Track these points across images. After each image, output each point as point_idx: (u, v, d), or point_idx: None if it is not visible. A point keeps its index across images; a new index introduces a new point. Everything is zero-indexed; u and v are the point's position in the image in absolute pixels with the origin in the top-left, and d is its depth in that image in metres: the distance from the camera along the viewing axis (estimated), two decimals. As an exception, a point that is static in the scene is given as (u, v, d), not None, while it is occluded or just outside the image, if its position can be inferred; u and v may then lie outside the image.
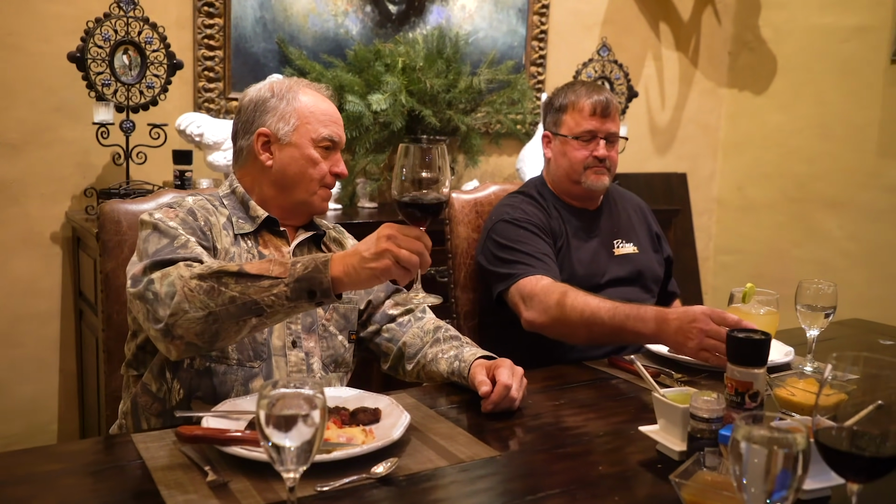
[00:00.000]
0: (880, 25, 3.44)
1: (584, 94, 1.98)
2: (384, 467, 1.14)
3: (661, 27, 3.87)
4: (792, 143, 3.84)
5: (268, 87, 1.57)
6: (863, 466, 0.87)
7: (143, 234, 1.40)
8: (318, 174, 1.53)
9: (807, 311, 1.68)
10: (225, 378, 1.41)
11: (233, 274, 1.25)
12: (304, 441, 0.91)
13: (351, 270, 1.22)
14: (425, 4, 3.13)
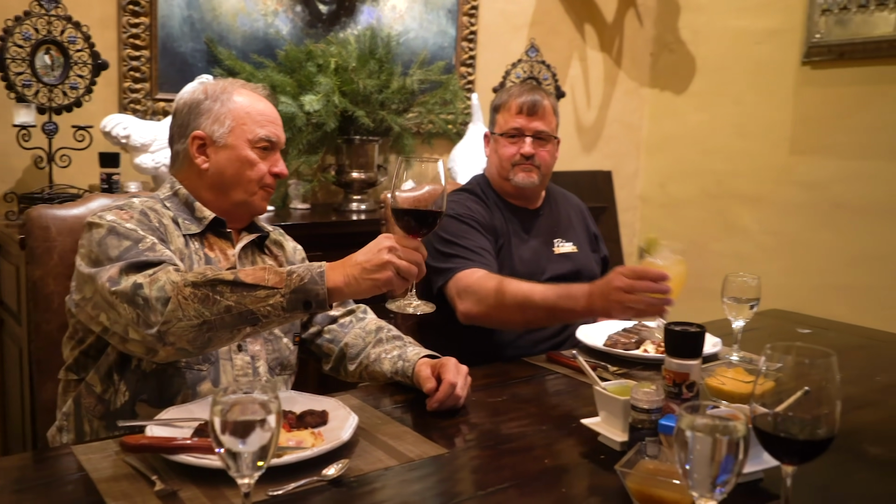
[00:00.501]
0: (792, 28, 3.59)
1: (515, 94, 2.03)
2: (335, 469, 1.14)
3: (586, 28, 3.96)
4: (711, 141, 3.97)
5: (202, 89, 1.55)
6: (797, 450, 0.92)
7: (95, 237, 1.35)
8: (257, 175, 1.51)
9: (733, 303, 1.75)
10: (172, 381, 1.39)
11: (228, 283, 1.24)
12: (261, 446, 0.90)
13: (352, 281, 1.25)
14: (356, 5, 3.12)
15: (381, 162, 2.97)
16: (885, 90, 3.30)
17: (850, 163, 3.43)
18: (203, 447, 1.12)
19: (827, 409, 0.92)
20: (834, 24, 3.41)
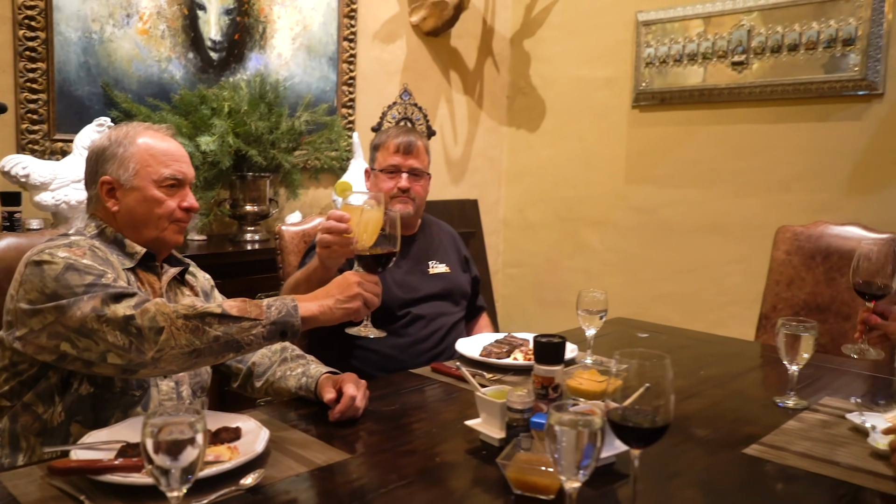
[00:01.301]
0: (623, 78, 3.87)
1: (393, 136, 2.11)
2: (252, 478, 1.17)
3: (451, 74, 4.10)
4: (560, 172, 4.20)
5: (107, 135, 1.54)
6: (642, 436, 1.04)
7: (49, 273, 1.30)
8: (165, 212, 1.51)
9: (585, 315, 1.88)
10: (107, 405, 1.37)
11: (216, 315, 1.30)
12: (190, 462, 0.93)
13: (327, 310, 1.39)
14: (244, 52, 3.12)
15: (272, 195, 2.97)
16: (697, 130, 3.62)
17: (673, 190, 3.73)
18: (128, 467, 1.12)
19: (663, 400, 1.04)
20: (656, 75, 3.70)
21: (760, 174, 3.43)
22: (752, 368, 1.98)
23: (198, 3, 2.95)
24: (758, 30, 3.34)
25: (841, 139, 3.18)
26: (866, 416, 1.47)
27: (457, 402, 1.63)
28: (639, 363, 1.06)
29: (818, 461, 1.32)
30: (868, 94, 3.08)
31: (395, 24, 3.77)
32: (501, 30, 4.34)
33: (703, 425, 1.50)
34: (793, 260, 2.54)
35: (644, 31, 3.72)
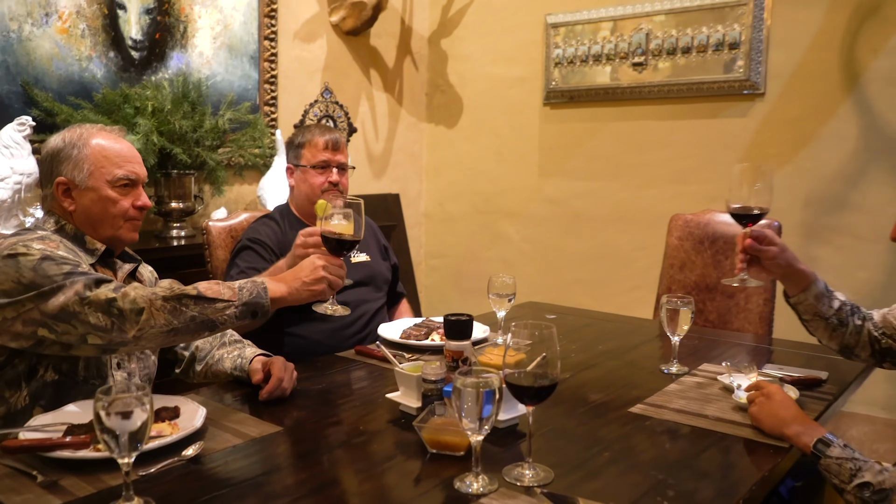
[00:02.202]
0: (534, 77, 4.08)
1: (318, 133, 2.23)
2: (192, 450, 1.29)
3: (371, 73, 4.22)
4: (478, 167, 4.38)
5: (61, 137, 1.58)
6: (534, 393, 1.21)
7: (25, 263, 1.37)
8: (120, 211, 1.57)
9: (496, 298, 2.06)
10: (69, 392, 1.46)
11: (192, 297, 1.39)
12: (141, 426, 1.05)
13: (294, 291, 1.50)
14: (165, 51, 3.16)
15: (197, 192, 3.03)
16: (603, 126, 3.87)
17: (582, 183, 3.97)
18: (77, 443, 1.23)
19: (550, 366, 1.21)
20: (565, 74, 3.93)
21: (660, 167, 3.70)
22: (645, 342, 2.21)
23: (118, 2, 2.99)
24: (656, 33, 3.60)
25: (729, 135, 3.48)
26: (734, 377, 1.69)
27: (379, 381, 1.78)
28: (530, 332, 1.23)
29: (690, 415, 1.53)
30: (752, 93, 3.38)
31: (315, 24, 3.87)
32: (419, 29, 4.48)
33: (597, 391, 1.70)
34: (684, 245, 2.79)
35: (553, 33, 3.94)
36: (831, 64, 3.21)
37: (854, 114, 3.18)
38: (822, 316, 1.63)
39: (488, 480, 1.19)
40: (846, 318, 1.63)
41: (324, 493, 1.18)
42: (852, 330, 1.63)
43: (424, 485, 1.23)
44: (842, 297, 1.65)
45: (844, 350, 1.66)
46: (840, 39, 3.18)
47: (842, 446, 1.28)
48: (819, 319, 1.64)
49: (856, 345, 1.64)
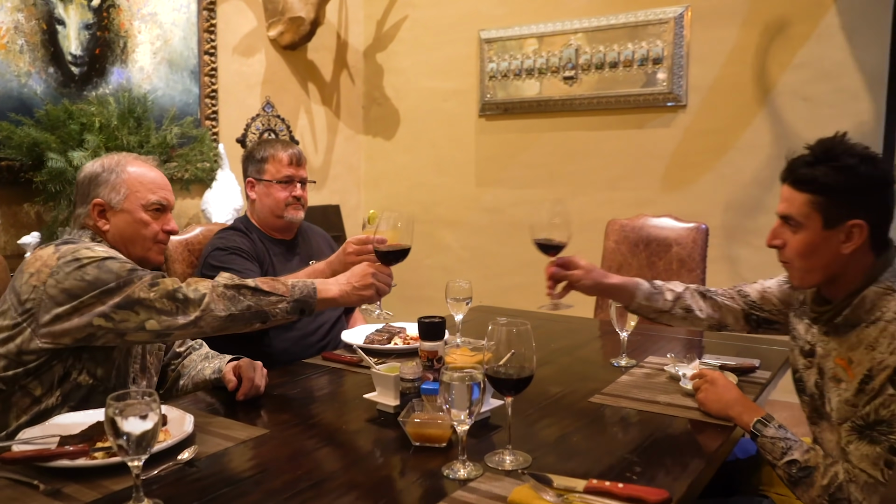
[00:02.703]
0: (470, 89, 4.23)
1: (281, 148, 2.29)
2: (188, 453, 1.34)
3: (309, 86, 4.27)
4: (416, 177, 4.49)
5: (100, 162, 1.69)
6: (512, 385, 1.32)
7: (90, 263, 1.49)
8: (151, 233, 1.68)
9: (453, 302, 2.16)
10: (98, 396, 1.55)
11: (250, 288, 1.55)
12: (149, 430, 1.10)
13: (344, 294, 1.64)
14: (106, 66, 3.14)
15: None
16: (537, 137, 4.04)
17: (518, 191, 4.13)
18: (77, 452, 1.26)
19: (527, 359, 1.32)
20: (499, 87, 4.09)
21: (591, 175, 3.89)
22: (591, 339, 2.35)
23: (57, 17, 2.96)
24: (584, 49, 3.80)
25: (655, 144, 3.70)
26: (678, 367, 1.85)
27: (349, 383, 1.85)
28: (507, 330, 1.34)
29: (644, 402, 1.67)
30: (675, 105, 3.61)
31: (253, 39, 3.90)
32: (355, 43, 4.57)
33: (557, 385, 1.82)
34: (621, 248, 2.97)
35: (487, 48, 4.10)
36: (745, 78, 3.47)
37: (767, 123, 3.45)
38: (664, 310, 1.77)
39: (473, 467, 1.29)
40: (691, 304, 1.76)
41: (323, 487, 1.25)
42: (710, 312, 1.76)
43: (413, 475, 1.31)
44: (677, 287, 1.79)
45: (715, 327, 1.80)
46: (752, 56, 3.45)
47: (776, 427, 1.44)
48: (664, 314, 1.78)
49: (724, 321, 1.77)
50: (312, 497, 1.21)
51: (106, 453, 1.30)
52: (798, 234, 1.44)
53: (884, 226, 1.43)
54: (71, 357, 1.53)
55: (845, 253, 1.40)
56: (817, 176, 1.40)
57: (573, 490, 1.16)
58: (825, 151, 1.41)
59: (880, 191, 1.40)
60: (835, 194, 1.39)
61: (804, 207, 1.42)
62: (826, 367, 1.45)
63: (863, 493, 1.29)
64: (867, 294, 1.39)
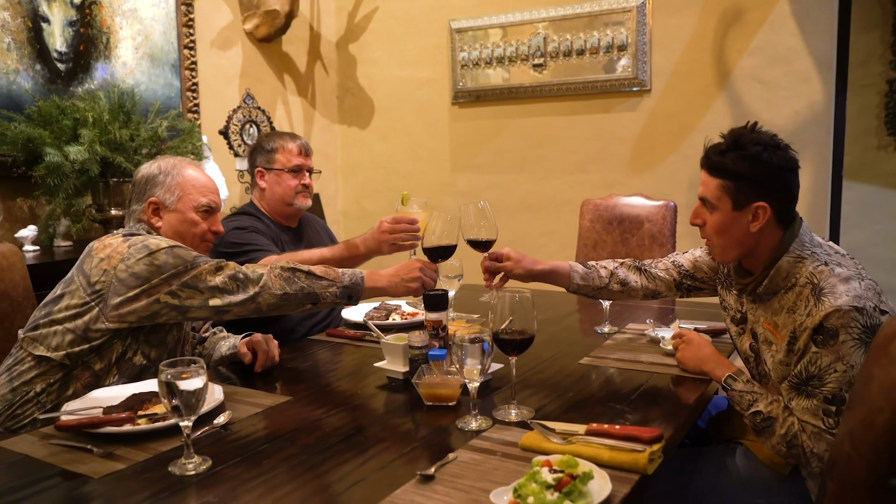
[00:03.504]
0: (442, 78, 4.36)
1: (290, 140, 2.40)
2: (223, 418, 1.47)
3: (285, 78, 4.36)
4: (391, 165, 4.61)
5: (157, 165, 1.83)
6: (516, 346, 1.47)
7: (159, 250, 1.63)
8: (199, 232, 1.82)
9: (446, 279, 2.29)
10: (149, 377, 1.67)
11: (304, 272, 1.73)
12: (198, 391, 1.23)
13: (392, 285, 1.83)
14: (90, 62, 3.20)
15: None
16: (508, 123, 4.19)
17: (492, 176, 4.28)
18: (125, 419, 1.38)
19: (528, 323, 1.47)
20: (470, 76, 4.23)
21: (561, 158, 4.06)
22: (573, 311, 2.52)
23: (41, 15, 3.00)
24: (551, 37, 3.96)
25: (622, 127, 3.88)
26: (658, 330, 2.02)
27: (355, 356, 1.99)
28: (510, 298, 1.49)
29: (628, 361, 1.84)
30: (640, 90, 3.79)
31: (230, 32, 3.97)
32: (327, 35, 4.65)
33: (548, 350, 1.98)
34: (595, 226, 3.14)
35: (457, 38, 4.23)
36: (705, 63, 3.66)
37: (726, 106, 3.65)
38: (600, 287, 1.94)
39: (484, 420, 1.44)
40: (626, 278, 1.94)
41: (351, 441, 1.39)
42: (645, 283, 1.94)
43: (428, 429, 1.46)
44: (609, 264, 1.96)
45: (650, 296, 1.97)
46: (711, 42, 3.64)
47: (745, 381, 1.61)
48: (602, 290, 1.95)
49: (658, 290, 1.94)
50: (344, 450, 1.34)
51: (149, 420, 1.42)
52: (714, 214, 1.61)
53: (787, 205, 1.60)
54: (130, 337, 1.66)
55: (753, 231, 1.58)
56: (726, 163, 1.57)
57: (576, 433, 1.32)
58: (734, 140, 1.58)
59: (782, 175, 1.56)
60: (741, 179, 1.56)
61: (716, 191, 1.59)
62: (758, 332, 1.63)
63: (812, 441, 1.45)
64: (781, 264, 1.57)
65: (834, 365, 1.42)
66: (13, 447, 1.37)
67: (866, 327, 1.41)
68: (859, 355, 1.41)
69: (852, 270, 1.52)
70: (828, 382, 1.43)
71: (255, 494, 1.17)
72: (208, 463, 1.28)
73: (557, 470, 1.11)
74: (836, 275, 1.50)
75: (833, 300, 1.43)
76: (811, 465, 1.47)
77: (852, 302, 1.42)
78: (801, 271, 1.55)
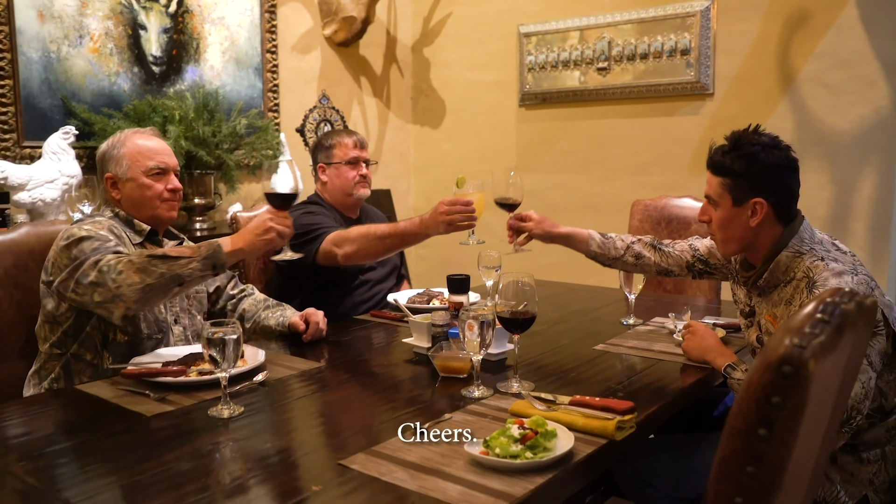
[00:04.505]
0: (510, 81, 4.52)
1: (346, 135, 2.63)
2: (262, 376, 1.69)
3: (361, 80, 4.63)
4: (460, 164, 4.80)
5: (107, 143, 2.01)
6: (518, 325, 1.63)
7: (73, 241, 1.77)
8: (155, 193, 1.95)
9: (485, 270, 2.45)
10: (138, 347, 1.86)
11: (159, 256, 1.70)
12: (236, 342, 1.45)
13: (249, 244, 1.75)
14: (181, 65, 3.55)
15: (215, 190, 3.42)
16: (572, 125, 4.31)
17: (555, 176, 4.40)
18: (178, 371, 1.63)
19: (531, 303, 1.63)
20: (537, 79, 4.37)
21: (624, 160, 4.14)
22: (609, 304, 2.64)
23: (140, 23, 3.37)
24: (617, 41, 4.05)
25: (683, 131, 3.93)
26: (676, 323, 2.13)
27: (392, 334, 2.19)
28: (514, 283, 1.65)
29: (641, 350, 1.96)
30: (702, 93, 3.84)
31: (310, 37, 4.27)
32: (403, 39, 4.90)
33: (567, 337, 2.13)
34: (644, 226, 3.23)
35: (525, 42, 4.38)
36: (769, 67, 3.67)
37: (789, 111, 3.65)
38: (615, 257, 2.09)
39: (486, 389, 1.61)
40: (640, 252, 2.07)
41: (368, 399, 1.59)
42: (658, 260, 2.07)
43: (440, 396, 1.64)
44: (627, 238, 2.11)
45: (662, 273, 2.09)
46: (775, 46, 3.65)
47: (743, 371, 1.70)
48: (617, 261, 2.10)
49: (671, 269, 2.07)
50: (363, 406, 1.55)
51: (198, 373, 1.67)
52: (717, 210, 1.73)
53: (785, 202, 1.69)
54: (99, 321, 1.82)
55: (753, 226, 1.68)
56: (726, 162, 1.68)
57: (561, 403, 1.47)
58: (735, 141, 1.69)
59: (778, 173, 1.66)
60: (739, 177, 1.67)
61: (718, 189, 1.71)
62: (762, 324, 1.72)
63: None
64: (780, 258, 1.67)
65: None
66: (87, 390, 1.64)
67: None
68: None
69: (847, 266, 1.60)
70: None
71: (276, 432, 1.39)
72: (241, 409, 1.50)
73: (527, 428, 1.27)
74: (831, 269, 1.59)
75: None
76: None
77: None
78: (800, 266, 1.64)
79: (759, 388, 0.86)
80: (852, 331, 0.97)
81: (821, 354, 0.86)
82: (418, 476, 1.20)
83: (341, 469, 1.23)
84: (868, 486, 1.68)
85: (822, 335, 0.88)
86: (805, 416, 0.87)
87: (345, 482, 1.18)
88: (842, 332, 0.93)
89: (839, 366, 1.01)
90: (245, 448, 1.35)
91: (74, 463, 1.31)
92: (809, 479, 1.09)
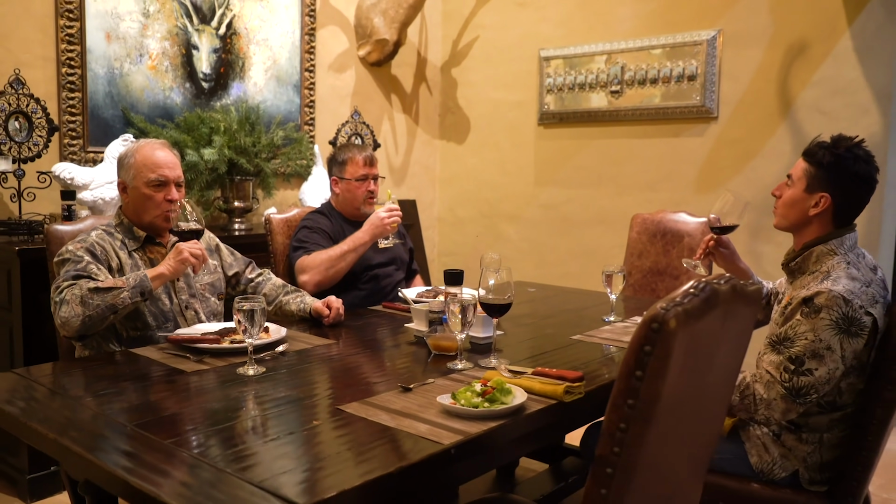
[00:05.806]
0: (530, 101, 4.83)
1: (357, 152, 2.96)
2: (283, 347, 2.03)
3: (392, 97, 4.99)
4: (483, 177, 5.13)
5: (124, 150, 2.29)
6: (496, 309, 1.94)
7: (59, 263, 2.07)
8: (153, 203, 2.18)
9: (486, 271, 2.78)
10: (152, 338, 2.15)
11: (94, 290, 1.95)
12: (259, 315, 1.79)
13: (172, 269, 2.06)
14: (228, 82, 3.95)
15: (253, 194, 3.80)
16: (587, 143, 4.60)
17: (571, 190, 4.70)
18: (213, 339, 1.98)
19: (508, 293, 1.94)
20: (555, 99, 4.68)
21: (634, 177, 4.42)
22: (597, 304, 2.91)
23: (192, 44, 3.78)
24: (628, 66, 4.34)
25: (690, 151, 4.20)
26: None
27: (399, 322, 2.51)
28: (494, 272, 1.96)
29: (612, 341, 2.25)
30: (707, 117, 4.11)
31: (345, 58, 4.65)
32: (433, 60, 5.25)
33: (553, 328, 2.42)
34: (641, 238, 3.51)
35: (545, 65, 4.70)
36: (770, 93, 3.93)
37: (788, 134, 3.89)
38: None
39: (468, 363, 1.92)
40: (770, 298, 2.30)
41: (366, 367, 1.91)
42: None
43: (431, 369, 1.95)
44: (769, 285, 2.32)
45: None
46: (776, 73, 3.90)
47: None
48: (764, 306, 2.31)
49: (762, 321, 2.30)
50: (364, 372, 1.88)
51: (231, 342, 2.01)
52: (790, 189, 2.00)
53: (848, 208, 1.94)
54: None
55: (810, 215, 1.95)
56: (818, 153, 1.95)
57: (524, 373, 1.77)
58: (835, 141, 1.96)
59: (854, 180, 1.90)
60: (821, 169, 1.93)
61: (800, 172, 1.98)
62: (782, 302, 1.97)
63: (764, 389, 1.83)
64: (815, 249, 1.94)
65: (806, 333, 1.80)
66: (139, 352, 2.00)
67: (846, 317, 1.78)
68: (830, 335, 1.78)
69: (865, 279, 1.87)
70: (796, 345, 1.81)
71: (290, 387, 1.72)
72: (263, 370, 1.84)
73: (489, 386, 1.58)
74: (848, 273, 1.86)
75: (829, 285, 1.82)
76: (759, 411, 1.84)
77: (843, 292, 1.79)
78: (828, 262, 1.91)
79: (637, 340, 1.16)
80: (725, 307, 1.27)
81: (683, 318, 1.15)
82: (398, 418, 1.51)
83: (338, 411, 1.55)
84: (801, 462, 1.94)
85: (688, 304, 1.17)
86: (671, 362, 1.16)
87: (339, 420, 1.51)
88: (712, 305, 1.22)
89: (717, 333, 1.30)
90: (264, 396, 1.69)
91: (132, 400, 1.65)
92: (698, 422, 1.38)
